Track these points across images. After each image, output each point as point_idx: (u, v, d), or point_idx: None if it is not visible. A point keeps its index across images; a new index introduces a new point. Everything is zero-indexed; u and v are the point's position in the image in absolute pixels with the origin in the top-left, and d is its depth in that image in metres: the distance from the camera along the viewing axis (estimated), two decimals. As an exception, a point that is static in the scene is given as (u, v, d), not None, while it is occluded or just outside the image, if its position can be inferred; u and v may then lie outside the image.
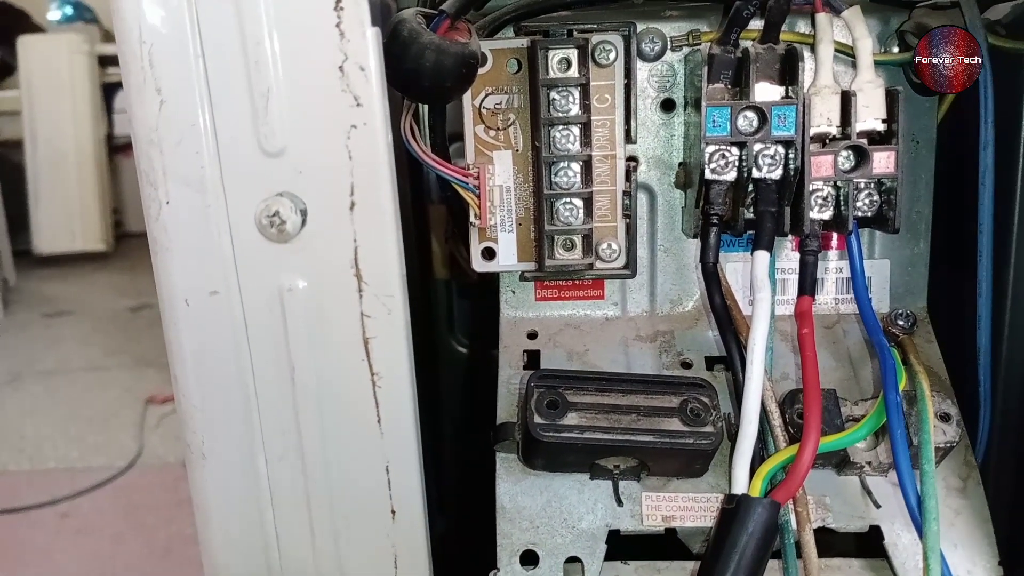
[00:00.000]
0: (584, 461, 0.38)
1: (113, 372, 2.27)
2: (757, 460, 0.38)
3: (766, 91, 0.40)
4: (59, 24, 3.12)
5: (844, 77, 0.41)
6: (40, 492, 1.73)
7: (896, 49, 0.42)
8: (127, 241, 3.18)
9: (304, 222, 0.33)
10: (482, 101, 0.42)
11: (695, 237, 0.43)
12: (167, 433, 1.93)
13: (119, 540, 1.58)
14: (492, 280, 0.48)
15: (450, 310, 0.67)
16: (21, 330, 2.59)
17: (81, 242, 2.97)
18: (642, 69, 0.43)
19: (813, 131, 0.39)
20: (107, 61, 3.02)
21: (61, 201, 2.93)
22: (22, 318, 2.69)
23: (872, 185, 0.40)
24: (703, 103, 0.39)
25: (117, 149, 3.12)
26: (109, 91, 3.07)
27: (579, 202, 0.41)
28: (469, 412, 0.63)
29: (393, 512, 0.37)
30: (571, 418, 0.36)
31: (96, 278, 2.98)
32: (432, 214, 0.64)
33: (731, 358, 0.40)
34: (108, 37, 3.16)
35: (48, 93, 2.91)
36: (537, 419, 0.36)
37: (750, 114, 0.39)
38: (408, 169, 0.51)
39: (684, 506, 0.39)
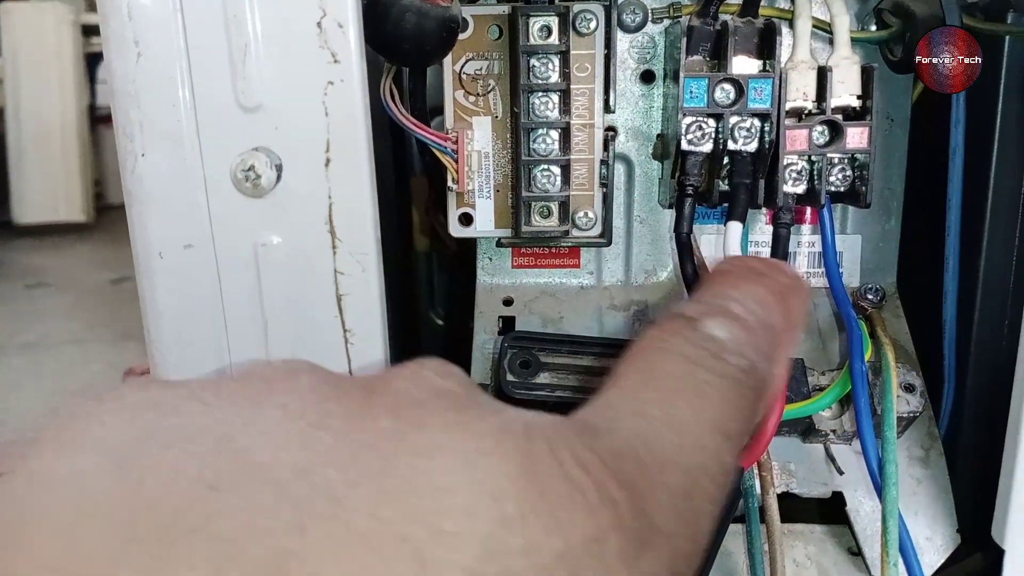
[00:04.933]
0: (554, 423, 0.38)
1: (96, 345, 2.26)
2: (724, 427, 0.38)
3: (744, 64, 0.40)
4: (44, -8, 3.08)
5: (821, 53, 0.41)
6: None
7: (873, 27, 0.42)
8: (109, 213, 3.16)
9: (279, 177, 0.33)
10: (463, 67, 0.42)
11: (671, 208, 0.43)
12: (147, 406, 1.92)
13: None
14: (470, 251, 0.48)
15: (430, 282, 0.68)
16: (2, 301, 2.57)
17: (63, 213, 2.95)
18: (623, 40, 0.43)
19: (789, 105, 0.40)
20: (91, 31, 2.99)
21: (43, 171, 2.91)
22: (3, 289, 2.67)
23: (846, 160, 0.40)
24: (681, 74, 0.39)
25: (100, 120, 3.09)
26: (92, 61, 3.04)
27: (557, 169, 0.41)
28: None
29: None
30: (543, 377, 0.37)
31: (77, 250, 2.95)
32: (413, 186, 0.64)
33: (702, 326, 0.40)
34: (92, 7, 3.12)
35: (31, 62, 2.87)
36: (509, 377, 0.36)
37: (727, 86, 0.39)
38: (392, 141, 0.51)
39: (651, 470, 0.40)
